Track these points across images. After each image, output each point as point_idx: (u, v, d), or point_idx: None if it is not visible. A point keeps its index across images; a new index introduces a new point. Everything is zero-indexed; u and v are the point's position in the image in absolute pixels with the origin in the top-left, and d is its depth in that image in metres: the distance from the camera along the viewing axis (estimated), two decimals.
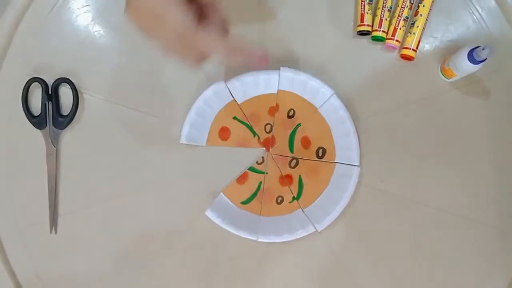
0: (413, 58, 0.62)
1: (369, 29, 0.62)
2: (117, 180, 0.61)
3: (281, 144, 0.61)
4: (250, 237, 0.58)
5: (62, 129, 0.61)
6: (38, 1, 0.64)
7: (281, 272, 0.60)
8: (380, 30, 0.62)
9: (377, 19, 0.62)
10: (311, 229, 0.58)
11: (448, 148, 0.62)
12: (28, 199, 0.62)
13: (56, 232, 0.61)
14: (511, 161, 0.62)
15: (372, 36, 0.62)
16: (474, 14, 0.64)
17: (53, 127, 0.61)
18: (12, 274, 0.61)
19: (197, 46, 0.42)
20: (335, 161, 0.61)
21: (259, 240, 0.58)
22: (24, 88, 0.61)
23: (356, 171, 0.59)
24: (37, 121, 0.61)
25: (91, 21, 0.63)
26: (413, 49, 0.61)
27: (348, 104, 0.60)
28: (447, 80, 0.62)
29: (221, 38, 0.42)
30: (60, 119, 0.61)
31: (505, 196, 0.61)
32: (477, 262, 0.60)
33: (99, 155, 0.62)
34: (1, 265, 0.61)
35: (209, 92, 0.60)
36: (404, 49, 0.62)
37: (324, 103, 0.60)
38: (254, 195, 0.61)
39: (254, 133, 0.62)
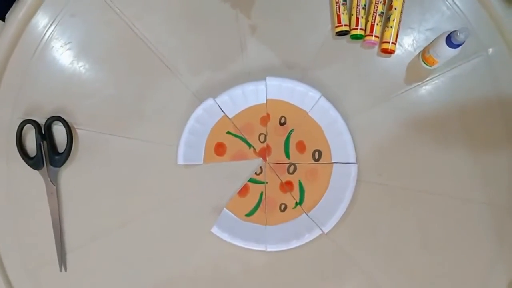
0: (394, 51, 0.63)
1: (347, 28, 0.63)
2: (120, 210, 0.62)
3: (277, 152, 0.62)
4: (259, 248, 0.58)
5: (60, 166, 0.61)
6: (21, 45, 0.64)
7: (295, 278, 0.60)
8: (358, 28, 0.63)
9: (354, 18, 0.63)
10: (317, 232, 0.59)
11: (439, 134, 0.63)
12: (35, 240, 0.62)
13: (66, 270, 0.61)
14: (503, 137, 0.63)
15: (351, 35, 0.64)
16: (446, 0, 0.65)
17: (51, 166, 0.61)
18: None
19: None
20: (332, 161, 0.61)
21: (268, 249, 0.58)
22: (17, 131, 0.61)
23: (354, 168, 0.60)
24: (34, 162, 0.61)
25: (74, 57, 0.64)
26: (392, 43, 0.62)
27: (337, 104, 0.61)
28: (429, 67, 0.63)
29: None
30: (56, 157, 0.61)
31: (500, 174, 0.62)
32: (487, 242, 0.61)
33: (99, 188, 0.62)
34: None
35: (199, 111, 0.60)
36: (383, 44, 0.63)
37: (313, 106, 0.61)
38: (257, 206, 0.61)
39: (249, 145, 0.62)
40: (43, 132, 0.62)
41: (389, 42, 0.63)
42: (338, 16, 0.63)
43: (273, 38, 0.65)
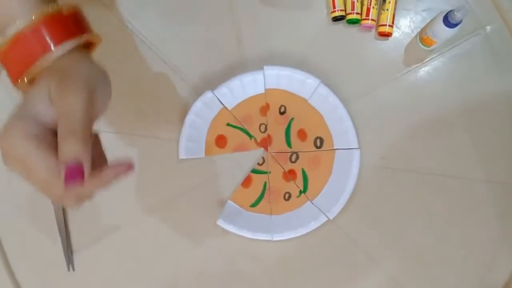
0: (391, 34, 0.63)
1: (343, 13, 0.63)
2: (124, 207, 0.62)
3: (278, 141, 0.62)
4: (265, 238, 0.58)
5: None
6: None
7: (302, 265, 0.61)
8: (353, 13, 0.62)
9: (349, 2, 0.62)
10: (323, 219, 0.58)
11: (441, 114, 0.63)
12: (41, 241, 0.62)
13: (74, 269, 0.61)
14: (504, 115, 0.62)
15: (347, 20, 0.63)
16: None
17: None
18: None
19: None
20: (334, 148, 0.61)
21: (274, 239, 0.58)
22: None
23: (356, 153, 0.59)
24: None
25: None
26: (389, 25, 0.62)
27: (336, 90, 0.61)
28: (427, 48, 0.62)
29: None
30: None
31: (505, 151, 0.62)
32: (492, 222, 0.61)
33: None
34: None
35: (198, 104, 0.60)
36: (380, 27, 0.63)
37: (312, 93, 0.61)
38: (261, 196, 0.61)
39: (250, 136, 0.62)
40: None
41: (386, 25, 0.62)
42: (333, 1, 0.63)
43: (269, 26, 0.64)
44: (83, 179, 0.37)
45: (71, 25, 0.45)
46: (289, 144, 0.62)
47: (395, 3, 0.62)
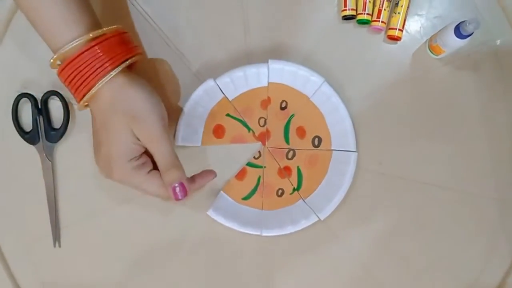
0: (400, 38, 0.62)
1: (353, 13, 0.62)
2: (115, 188, 0.60)
3: (277, 136, 0.61)
4: (254, 232, 0.58)
5: (56, 142, 0.61)
6: (19, 17, 0.63)
7: (289, 264, 0.61)
8: (364, 13, 0.61)
9: (361, 2, 0.61)
10: (314, 219, 0.58)
11: (442, 124, 0.62)
12: (29, 215, 0.61)
13: (60, 246, 0.61)
14: (504, 132, 0.62)
15: (357, 20, 0.62)
16: None
17: (46, 141, 0.60)
18: None
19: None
20: (332, 148, 0.60)
21: (263, 234, 0.58)
22: (13, 105, 0.60)
23: (353, 156, 0.59)
24: (30, 137, 0.60)
25: None
26: (399, 29, 0.61)
27: (340, 90, 0.60)
28: (435, 57, 0.62)
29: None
30: (52, 132, 0.60)
31: (501, 167, 0.61)
32: (482, 235, 0.61)
33: (95, 165, 0.60)
34: (8, 282, 0.60)
35: (199, 92, 0.59)
36: (390, 30, 0.62)
37: (315, 91, 0.60)
38: (254, 190, 0.61)
39: (249, 128, 0.61)
40: (39, 107, 0.61)
41: (395, 29, 0.61)
42: (345, 0, 0.61)
43: (277, 20, 0.63)
44: (187, 194, 0.51)
45: (122, 45, 0.51)
46: (287, 141, 0.61)
47: (407, 7, 0.61)
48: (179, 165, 0.51)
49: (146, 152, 0.51)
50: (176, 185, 0.50)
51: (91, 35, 0.49)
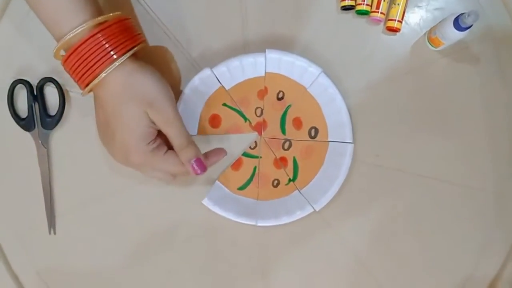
0: (399, 29, 0.61)
1: (353, 3, 0.61)
2: (111, 176, 0.61)
3: (273, 127, 0.61)
4: (249, 222, 0.58)
5: (51, 129, 0.60)
6: (15, 2, 0.62)
7: (284, 254, 0.61)
8: (364, 4, 0.61)
9: None
10: (309, 209, 0.58)
11: (440, 117, 0.62)
12: (24, 202, 0.61)
13: (55, 233, 0.61)
14: (502, 126, 0.62)
15: (356, 10, 0.62)
16: None
17: (42, 128, 0.60)
18: (15, 277, 0.61)
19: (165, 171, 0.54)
20: (328, 139, 0.60)
21: (258, 224, 0.58)
22: (9, 91, 0.60)
23: (350, 148, 0.59)
24: (25, 124, 0.60)
25: None
26: (398, 21, 0.61)
27: (337, 81, 0.59)
28: (434, 49, 0.61)
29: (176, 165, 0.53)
30: (47, 119, 0.60)
31: (499, 161, 0.61)
32: (478, 228, 0.61)
33: (91, 152, 0.61)
34: (3, 269, 0.60)
35: (196, 81, 0.59)
36: (389, 21, 0.61)
37: (312, 82, 0.60)
38: (250, 180, 0.61)
39: (245, 118, 0.61)
40: (35, 93, 0.60)
41: (395, 20, 0.61)
42: None
43: (276, 9, 0.63)
44: (205, 169, 0.53)
45: (127, 34, 0.51)
46: (283, 131, 0.61)
47: None
48: (193, 143, 0.53)
49: (159, 135, 0.53)
50: (194, 161, 0.52)
51: (94, 21, 0.49)
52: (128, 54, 0.50)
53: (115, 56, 0.49)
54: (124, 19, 0.52)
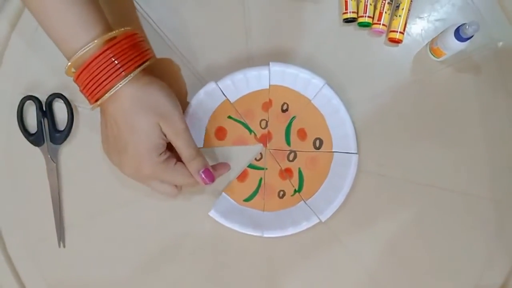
0: (401, 40, 0.62)
1: (354, 15, 0.62)
2: (119, 190, 0.62)
3: (278, 138, 0.62)
4: (255, 234, 0.58)
5: (60, 144, 0.61)
6: (24, 19, 0.64)
7: (290, 265, 0.61)
8: (365, 16, 0.62)
9: (362, 5, 0.62)
10: (315, 220, 0.59)
11: (443, 126, 0.62)
12: (34, 216, 0.62)
13: (64, 246, 0.62)
14: (505, 134, 0.62)
15: (358, 23, 0.62)
16: None
17: (51, 143, 0.61)
18: None
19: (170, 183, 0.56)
20: (333, 150, 0.61)
21: (265, 235, 0.58)
22: (18, 107, 0.61)
23: (354, 158, 0.59)
24: (34, 139, 0.61)
25: None
26: (400, 32, 0.61)
27: (341, 92, 0.60)
28: (437, 59, 0.62)
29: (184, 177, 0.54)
30: (56, 134, 0.61)
31: (503, 169, 0.62)
32: (484, 237, 0.61)
33: (99, 166, 0.62)
34: (13, 283, 0.61)
35: (201, 94, 0.60)
36: (391, 33, 0.62)
37: (316, 94, 0.60)
38: (255, 191, 0.61)
39: (250, 130, 0.62)
40: (44, 109, 0.62)
41: (397, 31, 0.61)
42: (346, 2, 0.62)
43: (279, 22, 0.64)
44: (214, 179, 0.55)
45: (136, 50, 0.52)
46: (288, 143, 0.62)
47: (408, 10, 0.61)
48: (201, 154, 0.55)
49: (168, 147, 0.54)
50: (202, 171, 0.54)
51: (103, 38, 0.50)
52: (138, 70, 0.51)
53: (123, 73, 0.50)
54: (133, 34, 0.53)
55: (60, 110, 0.62)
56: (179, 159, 0.54)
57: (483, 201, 0.61)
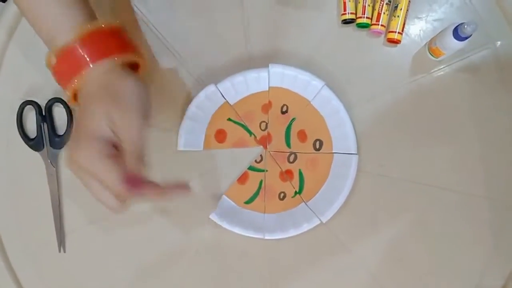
0: (400, 41, 0.62)
1: (353, 16, 0.62)
2: None
3: (278, 140, 0.62)
4: (257, 236, 0.58)
5: (60, 148, 0.61)
6: (23, 25, 0.64)
7: (292, 267, 0.61)
8: (364, 17, 0.62)
9: (360, 6, 0.62)
10: (316, 221, 0.58)
11: (443, 126, 0.62)
12: (34, 221, 0.62)
13: (65, 251, 0.62)
14: (505, 133, 0.62)
15: (357, 24, 0.63)
16: None
17: (51, 148, 0.61)
18: None
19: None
20: (333, 151, 0.61)
21: (266, 237, 0.58)
22: (18, 112, 0.61)
23: (354, 159, 0.59)
24: (34, 144, 0.61)
25: None
26: (399, 32, 0.61)
27: (340, 93, 0.60)
28: (435, 59, 0.62)
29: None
30: (56, 139, 0.61)
31: (505, 169, 0.61)
32: (485, 237, 0.61)
33: None
34: (13, 287, 0.61)
35: (201, 97, 0.60)
36: (390, 33, 0.62)
37: (316, 95, 0.61)
38: (256, 193, 0.61)
39: (250, 133, 0.62)
40: (43, 114, 0.62)
41: (395, 32, 0.61)
42: (344, 3, 0.62)
43: (277, 24, 0.64)
44: (138, 189, 0.46)
45: (110, 43, 0.50)
46: (288, 144, 0.62)
47: (407, 10, 0.61)
48: (143, 162, 0.48)
49: (120, 156, 0.48)
50: (130, 176, 0.46)
51: (77, 30, 0.49)
52: (105, 61, 0.49)
53: (91, 65, 0.48)
54: (111, 27, 0.51)
55: (59, 114, 0.62)
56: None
57: (484, 201, 0.61)
